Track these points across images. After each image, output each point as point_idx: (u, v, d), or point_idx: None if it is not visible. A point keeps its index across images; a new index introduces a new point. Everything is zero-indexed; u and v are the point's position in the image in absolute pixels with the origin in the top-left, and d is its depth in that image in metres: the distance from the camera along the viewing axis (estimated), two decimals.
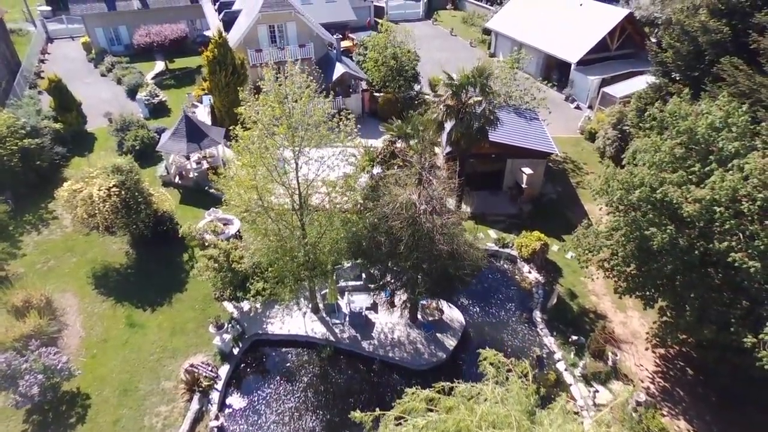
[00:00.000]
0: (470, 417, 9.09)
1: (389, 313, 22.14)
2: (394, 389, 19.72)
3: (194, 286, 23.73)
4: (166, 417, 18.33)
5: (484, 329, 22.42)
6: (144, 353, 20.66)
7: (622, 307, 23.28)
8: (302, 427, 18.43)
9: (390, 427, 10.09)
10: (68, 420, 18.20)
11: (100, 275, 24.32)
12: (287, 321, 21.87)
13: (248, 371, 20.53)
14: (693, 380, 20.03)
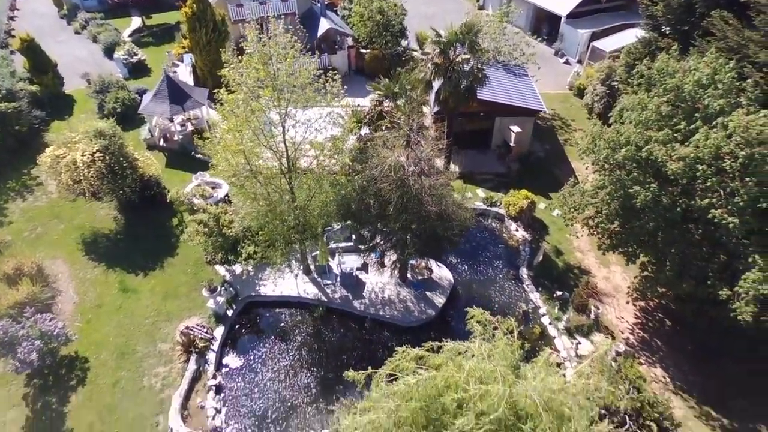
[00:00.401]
0: (458, 373, 9.56)
1: (379, 273, 22.57)
2: (386, 346, 20.42)
3: (185, 250, 23.86)
4: (164, 377, 18.88)
5: (472, 287, 23.02)
6: (138, 317, 21.00)
7: (606, 262, 23.95)
8: (297, 384, 19.12)
9: (381, 384, 10.57)
10: (69, 383, 18.68)
11: (90, 241, 24.29)
12: (279, 283, 22.23)
13: (243, 332, 21.03)
14: (670, 331, 20.97)
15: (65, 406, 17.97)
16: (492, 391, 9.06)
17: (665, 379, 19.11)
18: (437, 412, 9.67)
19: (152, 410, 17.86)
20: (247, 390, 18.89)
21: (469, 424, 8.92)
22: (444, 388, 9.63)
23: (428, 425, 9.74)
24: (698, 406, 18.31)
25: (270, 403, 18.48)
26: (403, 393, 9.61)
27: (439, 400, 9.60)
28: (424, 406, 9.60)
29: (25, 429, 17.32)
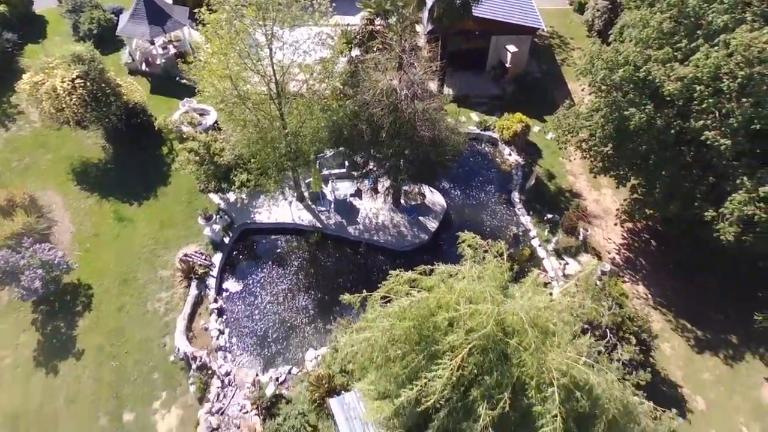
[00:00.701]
0: (449, 294, 10.00)
1: (373, 199, 22.75)
2: (380, 269, 21.06)
3: (177, 179, 23.74)
4: (167, 302, 19.58)
5: (465, 211, 23.37)
6: (137, 246, 21.34)
7: (597, 186, 24.20)
8: (296, 306, 19.94)
9: (376, 306, 11.05)
10: (75, 308, 19.35)
11: (80, 171, 24.05)
12: (274, 210, 22.41)
13: (241, 258, 21.54)
14: (655, 251, 21.70)
15: (74, 330, 18.76)
16: (481, 310, 9.53)
17: (646, 296, 20.09)
18: (429, 330, 10.21)
19: (158, 333, 18.71)
20: (248, 312, 19.71)
21: (459, 339, 9.48)
22: (436, 308, 10.11)
23: (421, 342, 10.32)
24: (675, 320, 19.41)
25: (270, 324, 19.37)
26: (397, 313, 10.09)
27: (431, 319, 10.11)
28: (416, 325, 10.12)
29: (38, 351, 18.19)
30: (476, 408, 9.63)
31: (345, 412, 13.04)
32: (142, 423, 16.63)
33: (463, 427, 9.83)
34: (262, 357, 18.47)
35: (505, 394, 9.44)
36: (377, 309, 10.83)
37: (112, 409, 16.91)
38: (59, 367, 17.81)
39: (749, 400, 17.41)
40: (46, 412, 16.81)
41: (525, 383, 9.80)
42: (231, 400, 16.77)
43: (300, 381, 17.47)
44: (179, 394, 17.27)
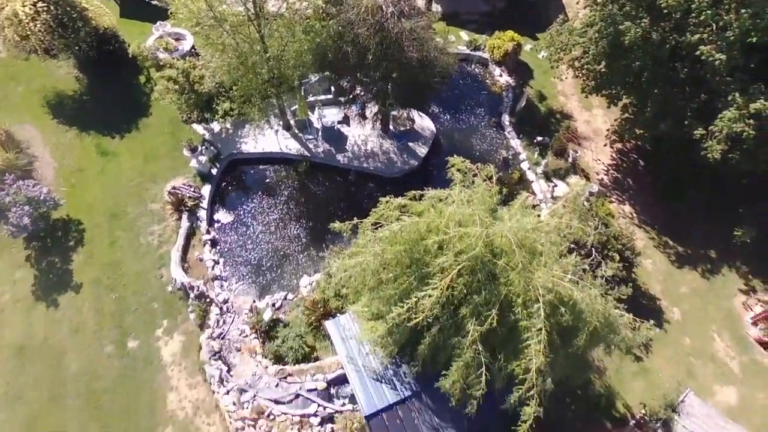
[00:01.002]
0: (439, 218, 10.13)
1: (361, 126, 22.32)
2: (370, 197, 21.09)
3: (158, 109, 22.95)
4: (159, 235, 19.67)
5: (454, 136, 23.10)
6: (123, 179, 21.04)
7: (588, 106, 23.84)
8: (288, 235, 20.16)
9: (367, 232, 11.20)
10: (67, 244, 19.40)
11: (55, 104, 23.08)
12: (260, 139, 21.97)
13: (230, 189, 21.41)
14: (643, 171, 21.88)
15: (69, 265, 18.93)
16: (470, 232, 9.71)
17: (632, 215, 20.54)
18: (420, 254, 10.46)
19: (153, 265, 18.96)
20: (241, 242, 19.94)
21: (449, 261, 9.73)
22: (426, 233, 10.28)
23: (411, 265, 10.60)
24: (658, 237, 20.02)
25: (264, 253, 19.68)
26: (388, 238, 10.25)
27: (421, 242, 10.31)
28: (407, 249, 10.34)
29: (36, 286, 18.45)
30: (465, 325, 10.10)
31: (340, 332, 13.63)
32: (147, 349, 17.32)
33: (453, 342, 10.37)
34: (258, 285, 18.95)
35: (493, 311, 9.88)
36: (368, 235, 10.98)
37: (116, 338, 17.51)
38: (59, 301, 18.17)
39: (722, 310, 18.43)
40: (52, 343, 17.38)
41: (512, 301, 10.23)
42: (230, 326, 17.41)
43: (296, 306, 18.09)
44: (180, 322, 17.86)
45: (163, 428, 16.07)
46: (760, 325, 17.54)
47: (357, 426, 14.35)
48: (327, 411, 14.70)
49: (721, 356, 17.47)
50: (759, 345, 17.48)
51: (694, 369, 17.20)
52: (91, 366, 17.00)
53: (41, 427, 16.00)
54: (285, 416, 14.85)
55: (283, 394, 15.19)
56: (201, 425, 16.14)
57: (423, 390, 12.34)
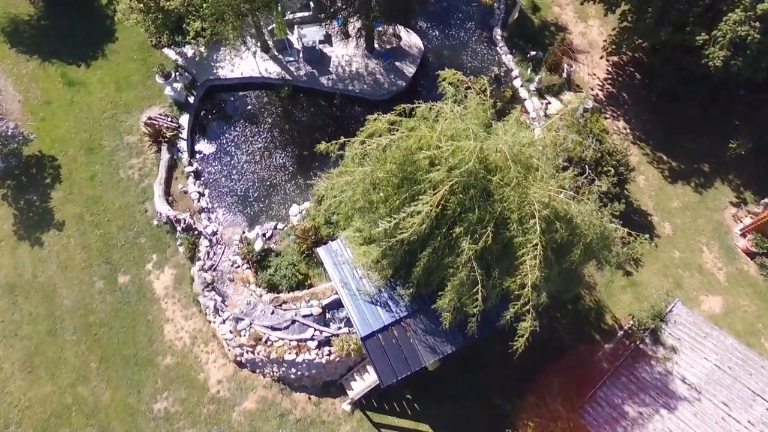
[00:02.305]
0: (431, 133, 9.58)
1: (344, 45, 20.99)
2: (357, 121, 20.11)
3: (125, 33, 21.31)
4: (140, 168, 18.93)
5: (443, 53, 21.89)
6: (95, 111, 19.89)
7: (584, 16, 22.53)
8: (273, 165, 19.51)
9: (356, 149, 10.64)
10: (44, 181, 18.65)
11: (11, 31, 21.27)
12: (238, 63, 20.63)
13: (209, 118, 20.41)
14: (638, 84, 21.09)
15: (48, 202, 18.31)
16: (463, 146, 9.22)
17: (626, 130, 20.05)
18: (410, 172, 10.01)
19: (136, 199, 18.40)
20: (225, 172, 19.31)
21: (440, 176, 9.32)
22: (416, 149, 9.76)
23: (402, 184, 10.18)
24: (652, 153, 19.68)
25: (250, 184, 19.12)
26: (377, 155, 9.72)
27: (411, 159, 9.82)
28: (398, 166, 9.87)
29: (17, 225, 17.91)
30: (460, 243, 9.89)
31: (333, 258, 13.48)
32: (138, 283, 17.21)
33: (447, 262, 10.21)
34: (246, 215, 18.57)
35: (488, 229, 9.64)
36: (356, 150, 10.43)
37: (106, 273, 17.31)
38: (43, 239, 17.74)
39: (711, 222, 18.54)
40: (42, 280, 17.16)
41: (507, 217, 9.96)
42: (221, 257, 17.22)
43: (287, 235, 17.84)
44: (169, 255, 17.63)
45: (162, 358, 16.32)
46: (748, 236, 17.72)
47: (353, 347, 14.62)
48: (324, 335, 14.90)
49: (709, 267, 17.79)
50: (746, 255, 17.77)
51: (682, 280, 17.55)
52: (84, 301, 16.92)
53: (40, 361, 16.17)
54: (282, 341, 15.05)
55: (279, 320, 15.31)
56: (200, 353, 16.41)
57: (418, 310, 12.40)
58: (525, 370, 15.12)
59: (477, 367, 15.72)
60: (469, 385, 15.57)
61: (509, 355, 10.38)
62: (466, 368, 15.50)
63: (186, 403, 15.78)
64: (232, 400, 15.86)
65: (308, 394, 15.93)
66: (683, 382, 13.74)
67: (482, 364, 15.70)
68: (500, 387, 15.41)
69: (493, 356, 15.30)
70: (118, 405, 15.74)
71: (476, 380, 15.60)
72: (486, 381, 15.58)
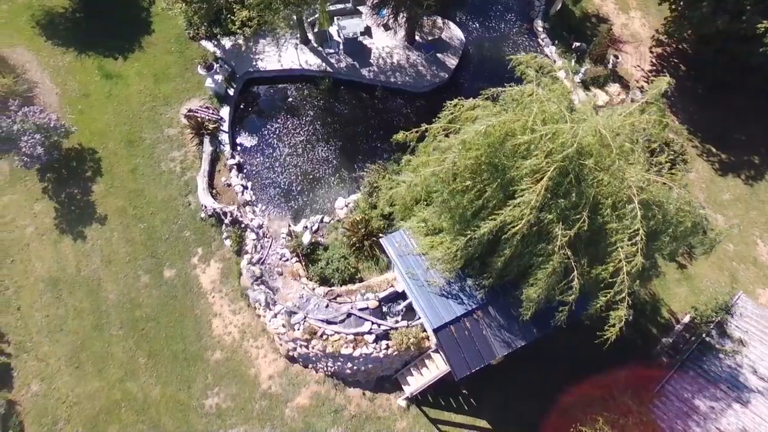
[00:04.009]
0: (525, 117, 9.25)
1: (391, 35, 20.66)
2: (399, 113, 20.06)
3: (161, 25, 21.03)
4: (181, 161, 18.61)
5: (484, 45, 21.60)
6: (134, 104, 19.58)
7: (625, 8, 22.24)
8: (316, 158, 19.18)
9: (440, 137, 10.32)
10: (85, 174, 18.32)
11: (46, 23, 20.95)
12: (277, 56, 20.34)
13: (250, 110, 20.10)
14: (684, 76, 20.79)
15: (90, 196, 17.98)
16: (563, 129, 8.90)
17: (674, 123, 19.73)
18: (499, 159, 9.68)
19: (179, 192, 18.08)
20: (268, 165, 18.99)
21: (538, 162, 8.99)
22: (508, 135, 9.43)
23: (489, 172, 9.84)
24: (701, 145, 19.37)
25: (293, 177, 18.79)
26: (466, 143, 9.37)
27: (502, 145, 9.50)
28: (488, 153, 9.54)
29: (58, 219, 17.58)
30: (552, 230, 9.56)
31: (396, 249, 13.15)
32: (185, 277, 16.88)
33: (536, 250, 9.88)
34: (290, 209, 18.24)
35: (583, 215, 9.31)
36: (441, 140, 10.10)
37: (151, 267, 16.98)
38: (85, 233, 17.41)
39: (765, 214, 18.22)
40: (86, 274, 16.83)
41: (599, 203, 9.64)
42: (269, 251, 16.89)
43: (334, 228, 17.53)
44: (215, 249, 17.30)
45: (211, 353, 15.99)
46: None
47: (413, 341, 14.30)
48: (382, 328, 14.57)
49: (764, 260, 17.47)
50: None
51: (738, 273, 17.23)
52: (130, 295, 16.60)
53: (87, 356, 15.84)
54: (339, 335, 14.72)
55: (335, 314, 14.98)
56: (249, 348, 16.08)
57: (489, 302, 12.08)
58: (586, 363, 14.83)
59: (536, 361, 15.35)
60: (529, 378, 15.20)
61: (570, 348, 10.07)
62: (525, 361, 15.12)
63: (237, 399, 15.45)
64: (285, 396, 15.53)
65: (362, 389, 15.60)
66: (755, 375, 13.40)
67: (542, 357, 15.31)
68: (561, 381, 15.03)
69: (553, 349, 14.97)
70: (169, 401, 15.40)
71: (536, 374, 15.21)
72: (546, 375, 15.19)
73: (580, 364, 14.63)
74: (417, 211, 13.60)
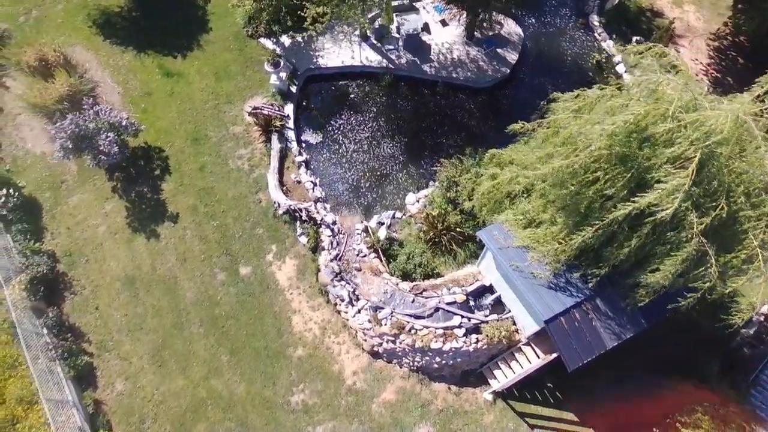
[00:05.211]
0: (663, 106, 9.29)
1: (446, 32, 20.69)
2: (462, 108, 20.09)
3: (218, 23, 21.01)
4: (249, 159, 18.57)
5: (541, 39, 21.65)
6: (197, 102, 19.54)
7: (679, 2, 22.35)
8: (382, 154, 19.18)
9: (565, 129, 10.29)
10: (153, 172, 18.28)
11: (103, 23, 20.88)
12: (337, 53, 20.34)
13: (312, 107, 20.08)
14: (742, 69, 20.86)
15: (160, 194, 17.93)
16: (709, 116, 8.94)
17: None
18: (631, 149, 9.70)
19: (249, 189, 18.04)
20: (334, 161, 19.00)
21: (682, 149, 9.02)
22: (646, 125, 9.44)
23: (620, 163, 9.86)
24: None
25: (360, 174, 18.78)
26: (612, 134, 9.37)
27: (637, 135, 9.52)
28: (623, 143, 9.56)
29: (130, 218, 17.52)
30: (685, 217, 9.58)
31: (495, 242, 13.15)
32: (261, 275, 16.85)
33: (668, 238, 9.91)
34: (360, 205, 18.23)
35: (721, 202, 9.34)
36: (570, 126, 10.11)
37: (227, 264, 16.95)
38: (158, 231, 17.36)
39: None
40: (162, 272, 16.78)
41: (731, 190, 9.67)
42: (345, 247, 16.87)
43: (406, 223, 17.55)
44: (289, 246, 17.28)
45: (293, 349, 15.97)
46: None
47: (504, 334, 14.29)
48: (472, 322, 14.56)
49: None
50: None
51: None
52: (207, 293, 16.56)
53: (169, 354, 15.80)
54: (427, 329, 14.70)
55: (422, 308, 14.97)
56: (331, 344, 16.06)
57: (597, 293, 12.11)
58: (673, 352, 14.91)
59: (619, 354, 15.35)
60: (617, 370, 15.15)
61: (655, 338, 10.06)
62: (611, 352, 15.11)
63: (323, 395, 15.43)
64: (370, 392, 15.51)
65: (448, 384, 15.60)
66: None
67: (626, 350, 15.31)
68: (650, 370, 15.01)
69: (636, 341, 14.97)
70: (255, 398, 15.37)
71: (622, 363, 15.06)
72: (633, 364, 15.07)
73: (668, 353, 14.69)
74: (510, 204, 13.66)
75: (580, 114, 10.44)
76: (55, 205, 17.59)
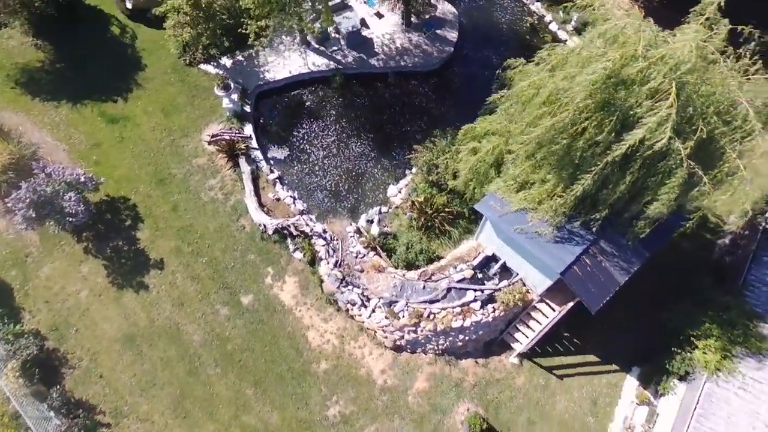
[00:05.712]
0: (631, 47, 9.91)
1: (383, 23, 20.89)
2: (417, 93, 20.39)
3: (152, 59, 20.22)
4: (221, 187, 18.07)
5: (474, 14, 22.27)
6: (151, 142, 18.76)
7: None
8: (352, 155, 19.17)
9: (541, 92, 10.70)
10: (124, 223, 17.42)
11: (26, 81, 19.57)
12: (282, 64, 20.08)
13: (271, 123, 19.73)
14: (659, 7, 22.35)
15: (137, 244, 17.13)
16: (675, 48, 9.64)
17: None
18: (610, 93, 10.28)
19: (229, 218, 17.57)
20: (308, 171, 18.81)
21: (657, 81, 9.67)
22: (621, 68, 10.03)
23: (604, 108, 10.43)
24: None
25: (336, 178, 18.70)
26: (594, 82, 9.89)
27: (613, 79, 10.10)
28: (602, 89, 10.11)
29: (111, 275, 16.63)
30: (671, 145, 10.27)
31: (493, 211, 13.54)
32: (264, 300, 16.49)
33: (658, 168, 10.60)
34: (344, 208, 18.17)
35: (699, 124, 10.10)
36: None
37: (227, 298, 16.47)
38: (146, 281, 16.60)
39: None
40: (161, 323, 16.07)
41: (703, 113, 10.46)
42: (343, 252, 16.80)
43: (395, 215, 17.69)
44: (285, 264, 17.00)
45: (317, 365, 15.79)
46: None
47: (518, 297, 14.78)
48: (486, 293, 14.95)
49: None
50: None
51: None
52: (214, 332, 16.04)
53: (191, 403, 15.21)
54: (445, 311, 14.96)
55: (435, 292, 15.20)
56: (353, 350, 16.00)
57: (600, 235, 12.76)
58: (668, 279, 15.92)
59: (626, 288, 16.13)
60: (625, 305, 15.82)
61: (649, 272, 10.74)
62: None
63: (358, 401, 15.37)
64: (402, 385, 15.61)
65: (474, 358, 15.95)
66: None
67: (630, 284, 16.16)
68: (655, 300, 15.87)
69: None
70: (291, 422, 15.09)
71: (629, 297, 15.79)
72: (639, 296, 15.76)
73: (671, 276, 15.72)
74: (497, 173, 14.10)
75: (553, 71, 10.94)
76: (25, 282, 16.42)
